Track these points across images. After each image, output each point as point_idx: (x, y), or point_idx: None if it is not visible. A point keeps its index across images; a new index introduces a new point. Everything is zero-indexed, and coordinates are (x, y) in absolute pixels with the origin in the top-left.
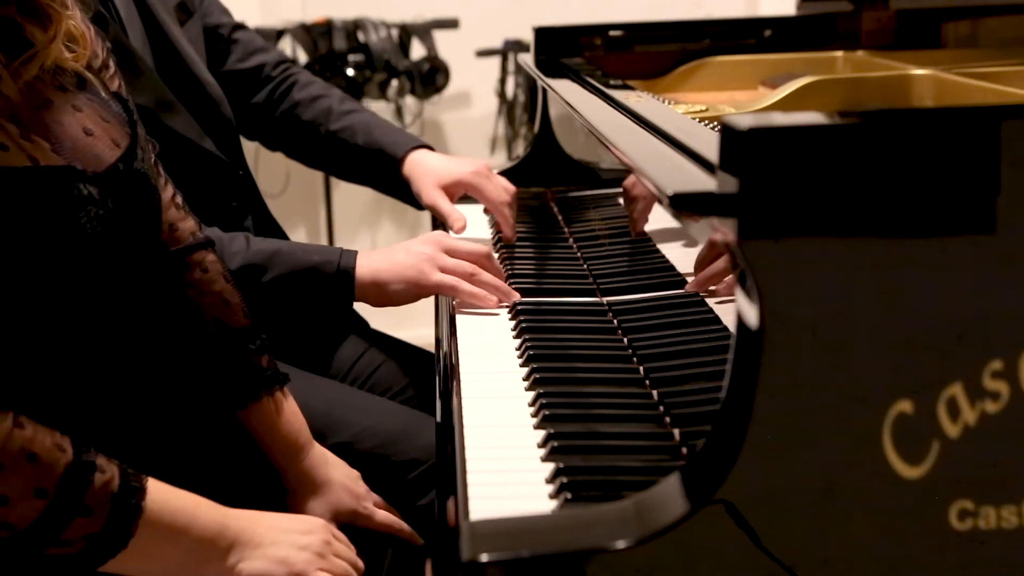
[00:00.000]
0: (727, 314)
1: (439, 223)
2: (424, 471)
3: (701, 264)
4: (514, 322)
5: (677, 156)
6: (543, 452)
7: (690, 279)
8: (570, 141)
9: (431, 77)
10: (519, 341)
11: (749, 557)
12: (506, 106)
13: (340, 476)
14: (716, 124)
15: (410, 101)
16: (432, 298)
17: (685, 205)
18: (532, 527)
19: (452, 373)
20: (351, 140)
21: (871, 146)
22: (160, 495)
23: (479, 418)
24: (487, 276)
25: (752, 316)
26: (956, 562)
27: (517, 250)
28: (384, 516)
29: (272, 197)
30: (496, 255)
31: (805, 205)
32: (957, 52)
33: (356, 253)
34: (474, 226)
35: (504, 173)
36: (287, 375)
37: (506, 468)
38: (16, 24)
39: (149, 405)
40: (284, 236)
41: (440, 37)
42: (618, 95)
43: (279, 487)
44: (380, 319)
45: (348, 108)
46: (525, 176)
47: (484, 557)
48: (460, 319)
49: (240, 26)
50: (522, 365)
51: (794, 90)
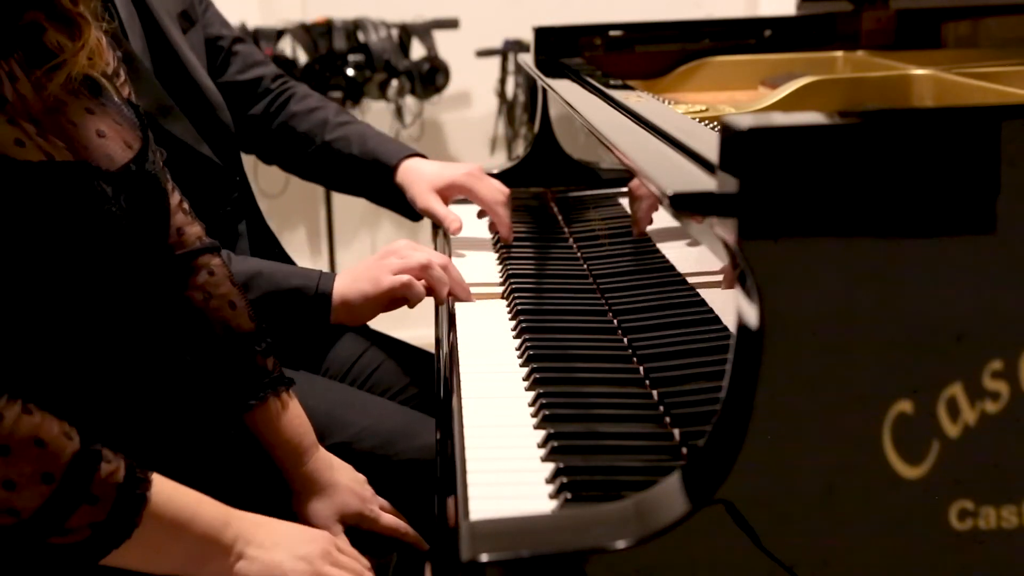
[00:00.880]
0: (727, 314)
1: (438, 231)
2: (424, 471)
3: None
4: (514, 322)
5: (677, 156)
6: (543, 452)
7: (690, 279)
8: (570, 141)
9: (431, 77)
10: (519, 341)
11: (749, 557)
12: (506, 106)
13: (346, 479)
14: (716, 124)
15: (410, 101)
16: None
17: (685, 205)
18: (532, 527)
19: (452, 373)
20: (346, 150)
21: (871, 146)
22: (165, 489)
23: (479, 418)
24: (438, 272)
25: (752, 316)
26: (956, 562)
27: (517, 250)
28: (390, 520)
29: (272, 198)
30: (496, 255)
31: (805, 205)
32: (957, 52)
33: (334, 277)
34: (474, 227)
35: (504, 173)
36: (292, 379)
37: (506, 468)
38: (40, 29)
39: (155, 407)
40: (277, 242)
41: (440, 37)
42: (618, 95)
43: (284, 489)
44: (380, 319)
45: (343, 120)
46: (525, 176)
47: (484, 557)
48: (460, 319)
49: (240, 39)
50: (522, 365)
51: (794, 90)
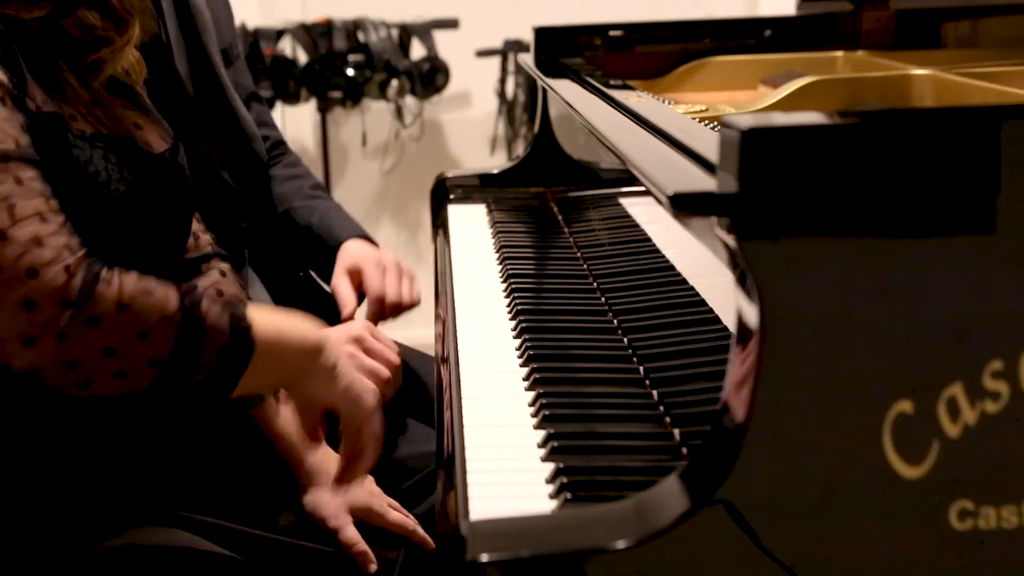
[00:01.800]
0: (727, 314)
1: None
2: (419, 479)
3: None
4: (514, 322)
5: (677, 156)
6: (543, 452)
7: (690, 279)
8: (570, 141)
9: (431, 77)
10: (519, 341)
11: (749, 557)
12: (506, 106)
13: None
14: (716, 124)
15: (410, 101)
16: (432, 298)
17: (685, 205)
18: (532, 527)
19: (452, 373)
20: (303, 221)
21: (871, 146)
22: (250, 310)
23: (479, 418)
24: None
25: (752, 316)
26: (956, 562)
27: (517, 250)
28: (397, 517)
29: None
30: (496, 255)
31: (805, 205)
32: (957, 52)
33: None
34: (474, 228)
35: (504, 173)
36: None
37: (506, 468)
38: (90, 27)
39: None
40: (293, 276)
41: (440, 37)
42: (618, 95)
43: (293, 483)
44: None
45: (315, 194)
46: (525, 176)
47: (484, 557)
48: (460, 319)
49: (257, 96)
50: (522, 365)
51: (794, 90)
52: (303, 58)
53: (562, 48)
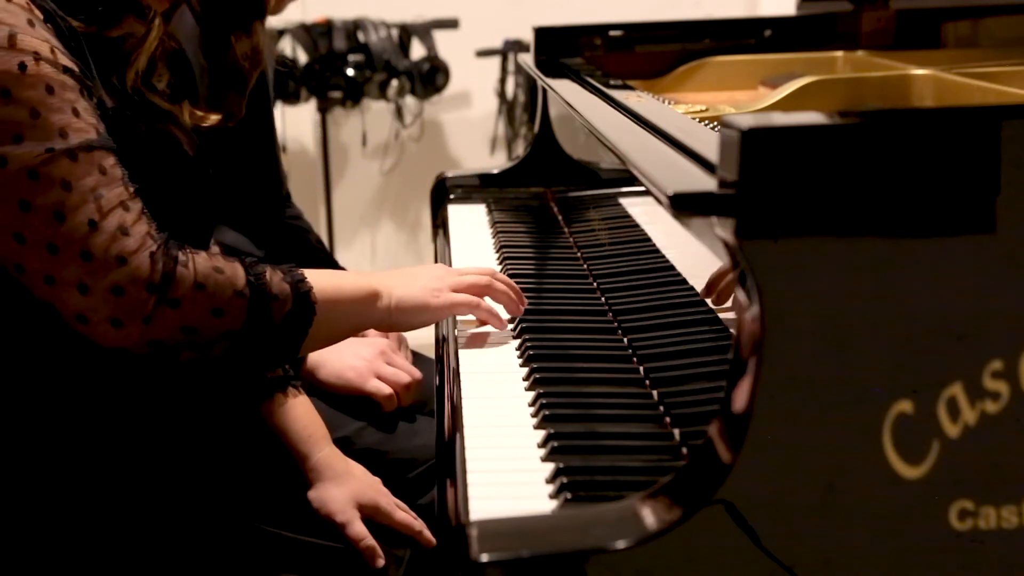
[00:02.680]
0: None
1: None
2: (423, 470)
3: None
4: (514, 322)
5: (677, 156)
6: (543, 452)
7: (690, 279)
8: (570, 141)
9: (431, 77)
10: (519, 341)
11: (749, 557)
12: (506, 106)
13: (361, 472)
14: (716, 124)
15: (410, 101)
16: None
17: (685, 205)
18: (532, 527)
19: (452, 373)
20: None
21: (871, 146)
22: (307, 271)
23: (479, 418)
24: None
25: (752, 316)
26: (956, 562)
27: (517, 250)
28: (404, 516)
29: None
30: (496, 255)
31: (805, 205)
32: (957, 52)
33: None
34: (475, 228)
35: (504, 173)
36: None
37: (506, 468)
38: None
39: (174, 398)
40: None
41: (440, 37)
42: (618, 95)
43: (301, 480)
44: None
45: (317, 247)
46: (525, 176)
47: (484, 557)
48: (460, 319)
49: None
50: (522, 365)
51: (794, 90)
52: (303, 58)
53: (562, 48)
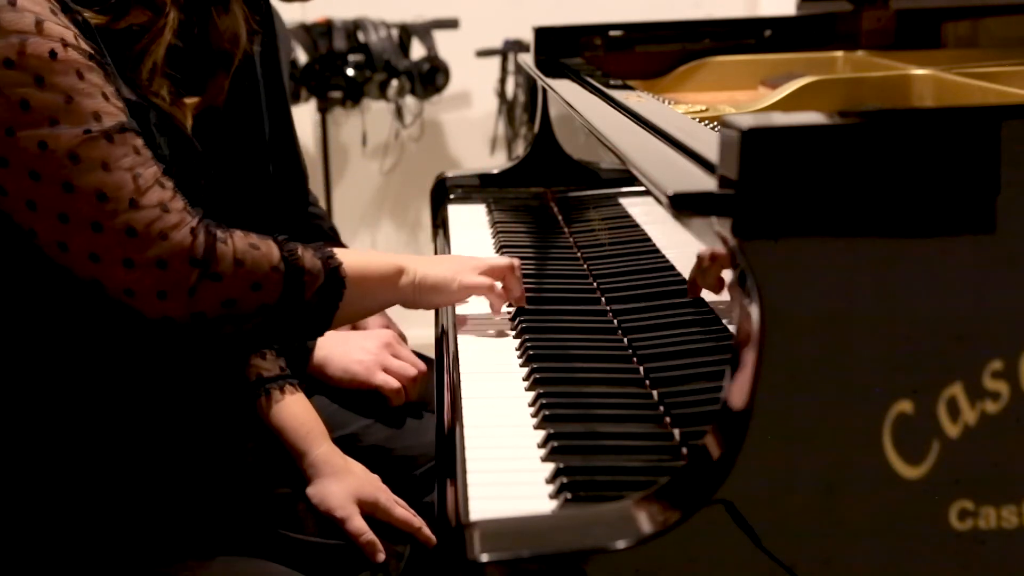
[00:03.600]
0: (727, 314)
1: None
2: (428, 467)
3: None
4: (514, 322)
5: (677, 156)
6: (543, 452)
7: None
8: (570, 141)
9: (431, 77)
10: (519, 341)
11: (749, 557)
12: (506, 106)
13: (360, 469)
14: (716, 124)
15: (410, 101)
16: None
17: (685, 205)
18: (532, 527)
19: (452, 373)
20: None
21: (871, 146)
22: (336, 249)
23: (479, 418)
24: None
25: (752, 316)
26: (956, 562)
27: (517, 250)
28: (403, 513)
29: None
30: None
31: (805, 205)
32: (957, 52)
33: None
34: (475, 229)
35: (504, 173)
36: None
37: (506, 468)
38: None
39: (171, 397)
40: None
41: (440, 37)
42: (618, 95)
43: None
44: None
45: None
46: (525, 176)
47: (484, 557)
48: (460, 319)
49: None
50: (522, 365)
51: (794, 90)
52: (303, 58)
53: (562, 48)
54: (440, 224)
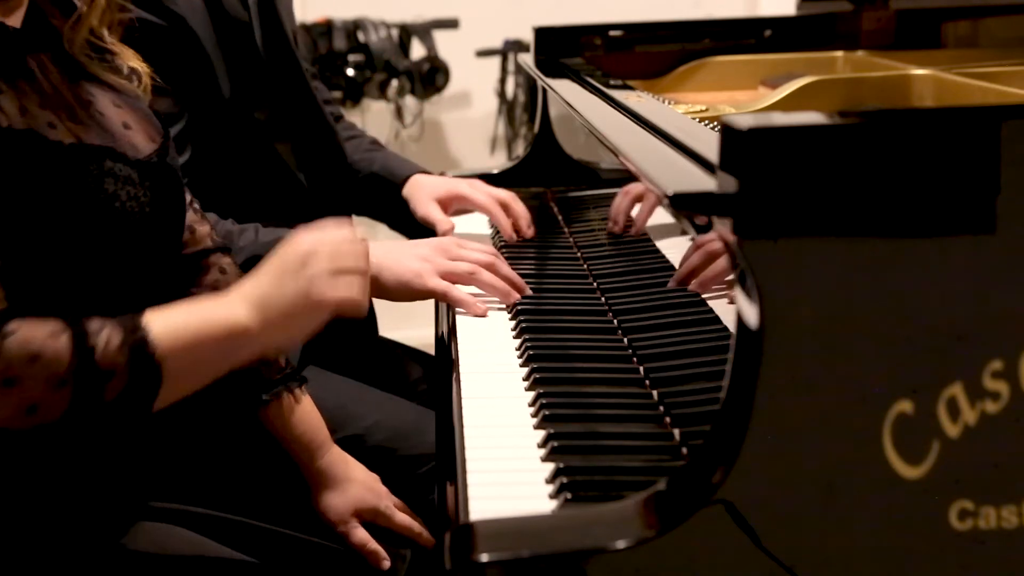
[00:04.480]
0: (727, 314)
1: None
2: (432, 467)
3: (692, 266)
4: (514, 322)
5: (677, 156)
6: (543, 452)
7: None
8: (570, 141)
9: (431, 77)
10: (519, 341)
11: (749, 557)
12: (506, 106)
13: (360, 475)
14: (716, 124)
15: (410, 101)
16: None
17: (685, 205)
18: (532, 527)
19: (452, 373)
20: (366, 169)
21: (871, 146)
22: (157, 320)
23: (479, 418)
24: (486, 276)
25: (752, 316)
26: (956, 562)
27: (517, 250)
28: (404, 518)
29: None
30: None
31: (805, 205)
32: (957, 52)
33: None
34: (474, 227)
35: (504, 173)
36: (304, 376)
37: (506, 468)
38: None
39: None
40: None
41: (440, 37)
42: (618, 95)
43: (302, 485)
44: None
45: (375, 147)
46: (525, 176)
47: (484, 557)
48: (460, 319)
49: (317, 75)
50: (522, 365)
51: (794, 90)
52: None
53: (562, 48)
54: (434, 229)
